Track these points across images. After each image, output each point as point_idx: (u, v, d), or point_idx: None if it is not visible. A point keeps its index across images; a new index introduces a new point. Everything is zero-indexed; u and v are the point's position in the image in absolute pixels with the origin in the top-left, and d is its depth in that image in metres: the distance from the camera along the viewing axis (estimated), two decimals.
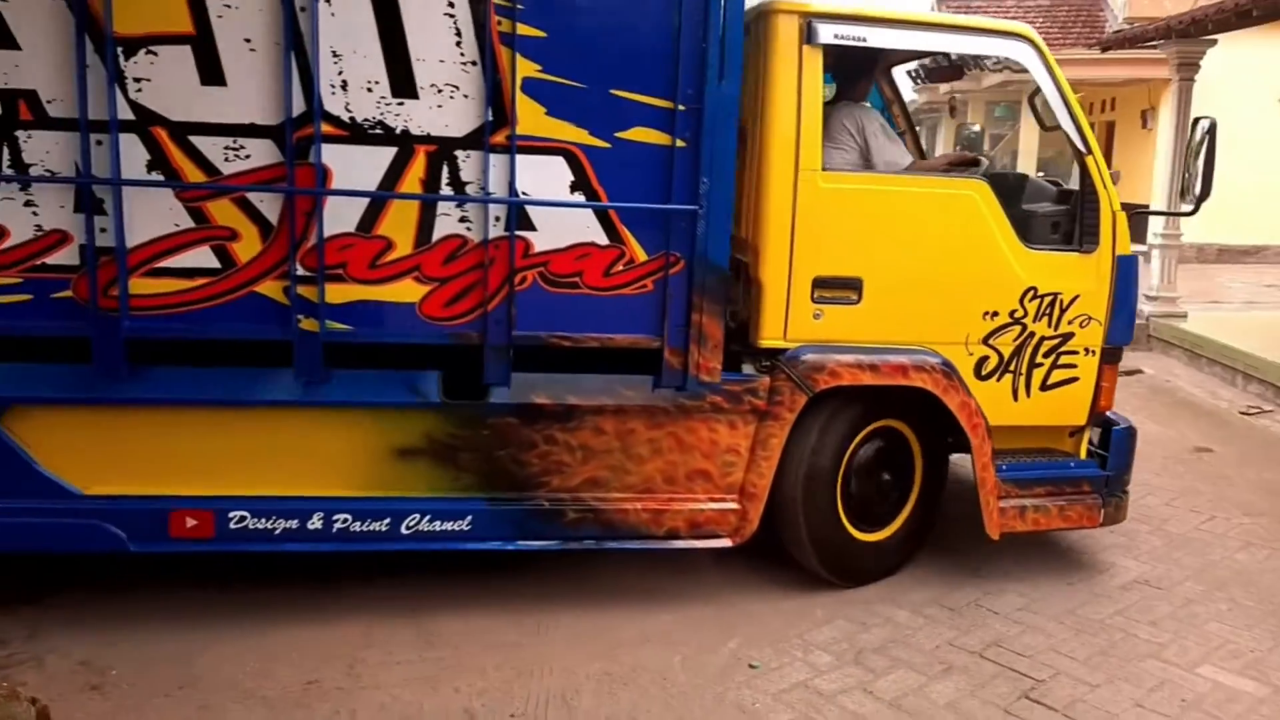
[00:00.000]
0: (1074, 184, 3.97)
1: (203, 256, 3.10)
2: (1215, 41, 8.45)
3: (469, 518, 3.40)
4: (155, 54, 2.96)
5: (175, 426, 3.24)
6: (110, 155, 2.96)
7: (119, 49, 2.93)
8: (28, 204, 2.99)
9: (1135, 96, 16.04)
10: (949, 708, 3.06)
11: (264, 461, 3.29)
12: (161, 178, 3.02)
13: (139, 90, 2.97)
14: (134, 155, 2.99)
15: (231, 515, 3.26)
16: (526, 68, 3.11)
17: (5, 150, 2.94)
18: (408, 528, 3.37)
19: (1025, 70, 3.73)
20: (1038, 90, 3.76)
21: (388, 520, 3.35)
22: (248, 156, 3.05)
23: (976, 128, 7.24)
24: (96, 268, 3.01)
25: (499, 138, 3.14)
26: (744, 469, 3.54)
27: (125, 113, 2.96)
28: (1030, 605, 3.74)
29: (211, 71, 2.99)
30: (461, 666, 3.19)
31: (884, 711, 3.02)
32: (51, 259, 3.03)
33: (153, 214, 3.04)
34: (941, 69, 4.55)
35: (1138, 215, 3.88)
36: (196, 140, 3.02)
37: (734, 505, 3.55)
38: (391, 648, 3.29)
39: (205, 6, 2.95)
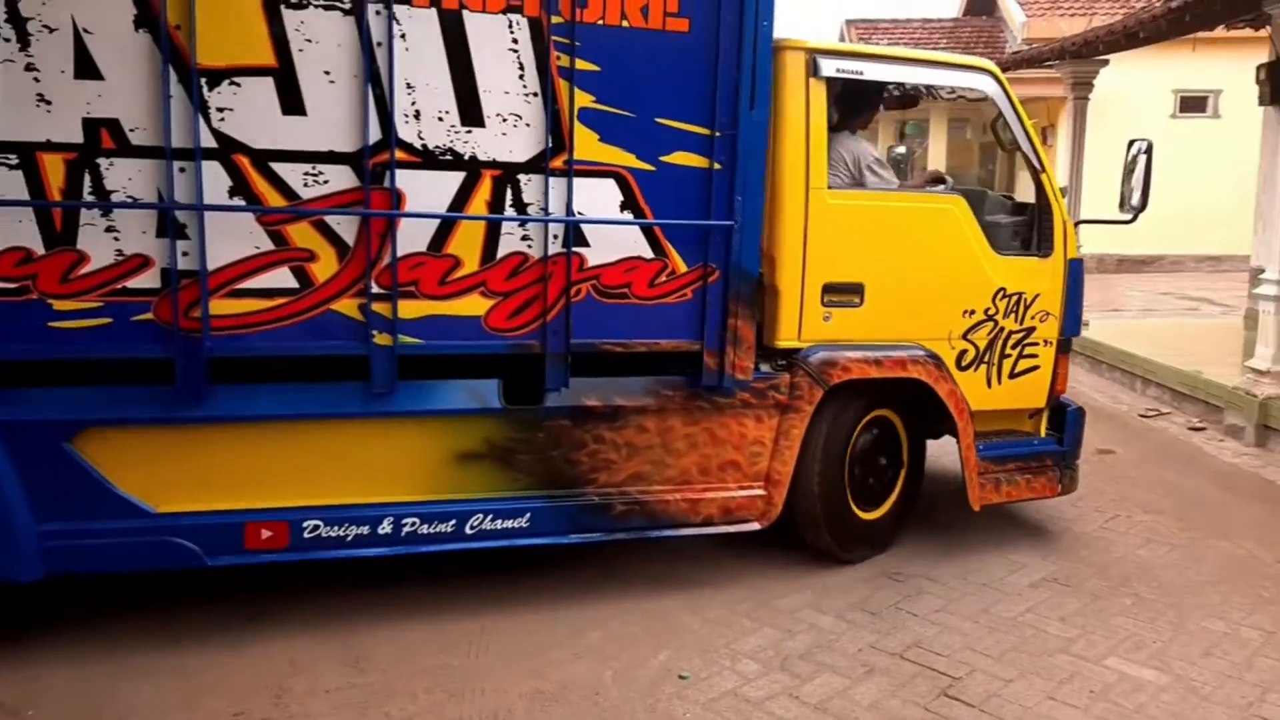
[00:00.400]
0: (1015, 196, 4.56)
1: (282, 277, 3.24)
2: (1107, 62, 9.14)
3: (528, 515, 3.64)
4: (238, 85, 3.10)
5: (247, 442, 3.35)
6: (194, 181, 3.08)
7: (203, 80, 3.06)
8: (109, 229, 3.07)
9: (1035, 114, 17.37)
10: (872, 708, 3.14)
11: (334, 471, 3.44)
12: (243, 203, 3.16)
13: (222, 119, 3.10)
14: (216, 181, 3.12)
15: (305, 525, 3.40)
16: (582, 99, 3.41)
17: (87, 177, 3.02)
18: (472, 528, 3.58)
19: (987, 98, 4.29)
20: (999, 116, 4.33)
21: (453, 521, 3.56)
22: (326, 182, 3.22)
23: (902, 149, 7.86)
24: (179, 290, 3.12)
25: (557, 162, 3.42)
26: (769, 458, 3.93)
27: (208, 141, 3.09)
28: (947, 606, 3.87)
29: (292, 102, 3.15)
30: (391, 691, 3.16)
31: (810, 715, 3.09)
32: (132, 283, 3.11)
33: (234, 237, 3.17)
34: (896, 98, 5.09)
35: (1081, 223, 4.49)
36: (277, 167, 3.17)
37: (761, 491, 3.93)
38: (319, 674, 3.24)
39: (288, 41, 3.11)
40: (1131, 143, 4.29)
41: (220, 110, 3.09)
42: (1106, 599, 3.98)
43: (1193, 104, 17.14)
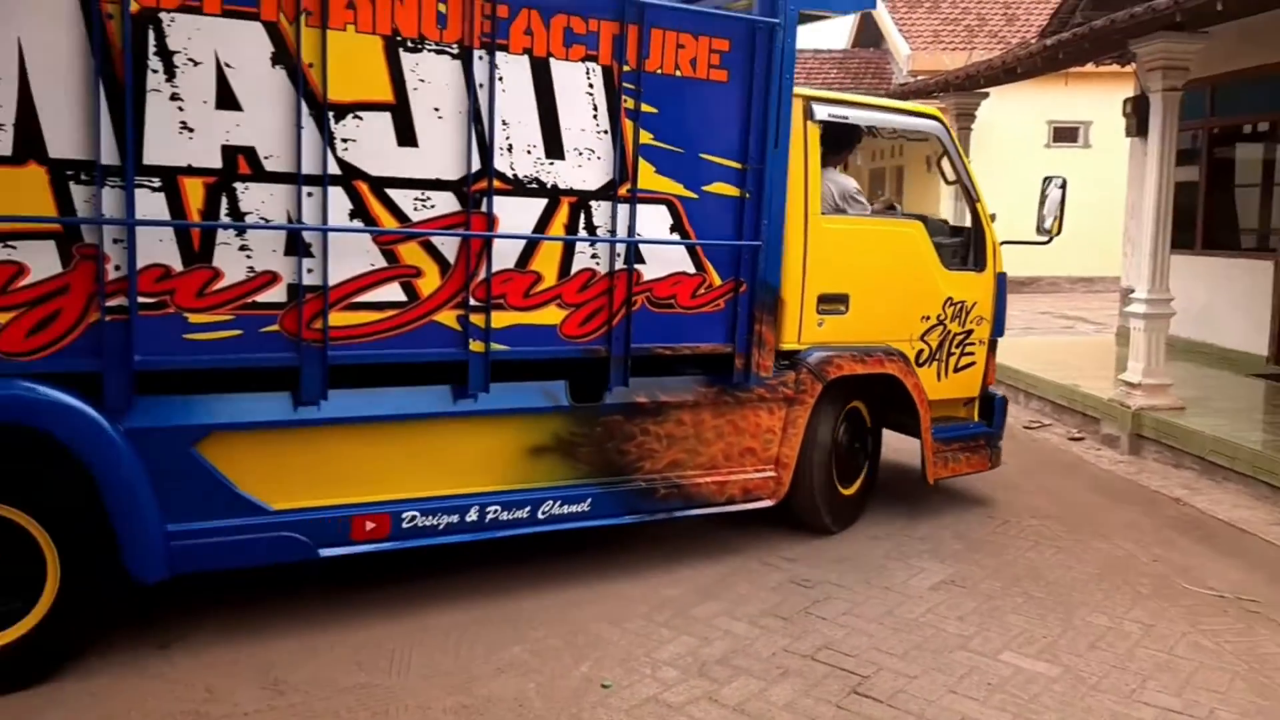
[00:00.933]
0: (946, 219, 5.46)
1: (392, 291, 3.58)
2: (988, 94, 9.56)
3: (589, 500, 4.12)
4: (361, 118, 3.43)
5: (353, 441, 3.65)
6: (321, 205, 3.39)
7: (330, 113, 3.37)
8: (242, 248, 3.33)
9: (921, 143, 18.64)
10: (787, 708, 3.24)
11: (428, 466, 3.80)
12: (361, 224, 3.48)
13: (345, 149, 3.42)
14: (338, 205, 3.43)
15: (404, 515, 3.74)
16: (643, 136, 3.95)
17: (224, 200, 3.27)
18: (544, 513, 4.02)
19: (935, 138, 5.14)
20: (944, 154, 5.19)
21: (528, 508, 3.99)
22: (432, 206, 3.60)
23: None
24: (304, 304, 3.41)
25: (622, 191, 3.93)
26: (779, 444, 4.58)
27: (333, 168, 3.40)
28: (853, 610, 4.02)
29: (406, 134, 3.52)
30: (313, 712, 3.13)
31: (729, 717, 3.19)
32: (261, 297, 3.37)
33: (352, 256, 3.49)
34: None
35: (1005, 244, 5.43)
36: (392, 192, 3.52)
37: (772, 473, 4.58)
38: (237, 699, 3.20)
39: (404, 80, 3.48)
40: (1047, 179, 5.27)
41: (344, 141, 3.42)
42: (1000, 598, 4.19)
43: (1065, 134, 18.58)
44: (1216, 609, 4.16)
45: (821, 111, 4.59)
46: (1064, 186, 5.16)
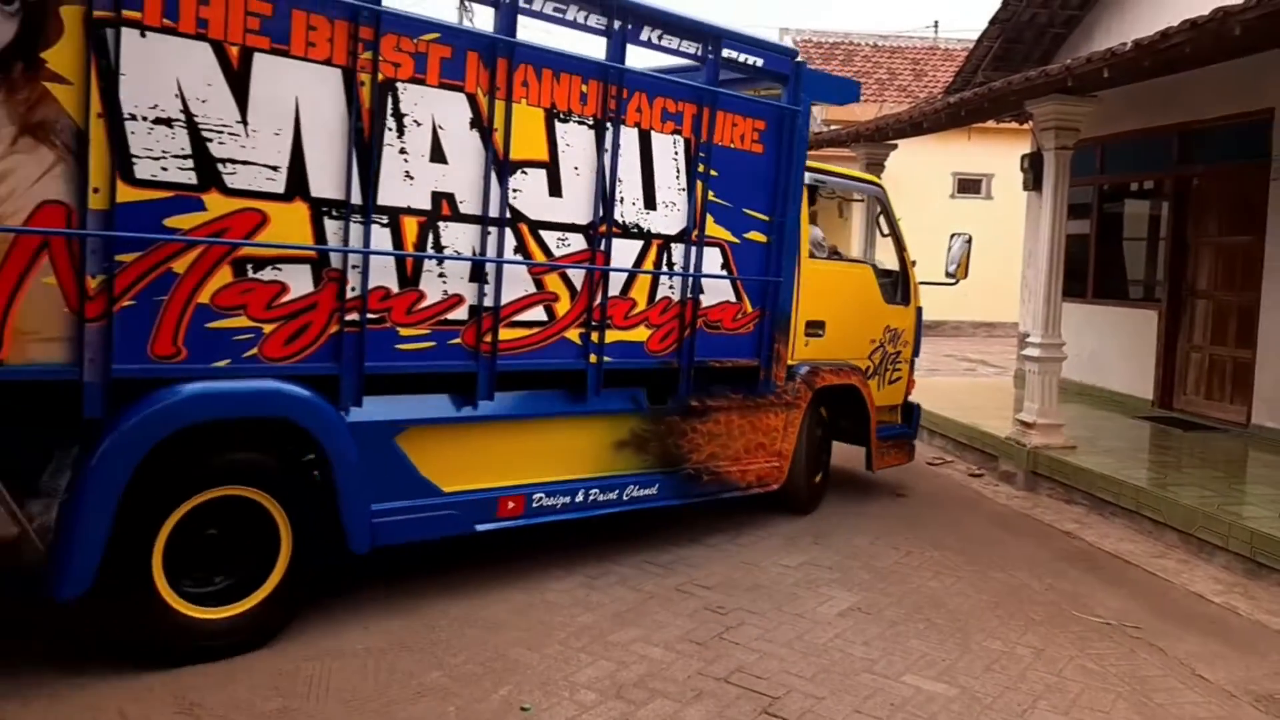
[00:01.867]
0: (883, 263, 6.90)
1: (538, 312, 4.42)
2: (896, 145, 9.86)
3: (656, 485, 5.07)
4: (526, 173, 4.28)
5: (499, 435, 4.43)
6: (497, 242, 4.19)
7: (507, 169, 4.19)
8: (440, 275, 4.07)
9: (829, 198, 19.39)
10: None
11: (550, 456, 4.62)
12: (522, 258, 4.31)
13: (514, 197, 4.25)
14: (507, 242, 4.24)
15: (534, 497, 4.54)
16: (709, 194, 5.01)
17: (430, 235, 4.01)
18: (627, 495, 4.93)
19: (875, 199, 6.57)
20: (881, 211, 6.61)
21: (616, 491, 4.89)
22: (569, 245, 4.48)
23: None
24: (481, 321, 4.19)
25: (692, 236, 4.97)
26: (781, 439, 5.73)
27: (506, 212, 4.21)
28: (765, 635, 4.14)
29: (555, 187, 4.39)
30: None
31: None
32: (450, 315, 4.12)
33: (514, 284, 4.30)
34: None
35: (922, 284, 6.91)
36: (543, 233, 4.37)
37: (777, 464, 5.72)
38: None
39: (557, 144, 4.35)
40: (954, 235, 6.82)
41: (514, 190, 4.24)
42: (903, 624, 4.36)
43: (969, 185, 19.71)
44: (1103, 635, 4.38)
45: (808, 176, 5.85)
46: (969, 241, 6.73)
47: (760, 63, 5.15)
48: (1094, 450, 7.19)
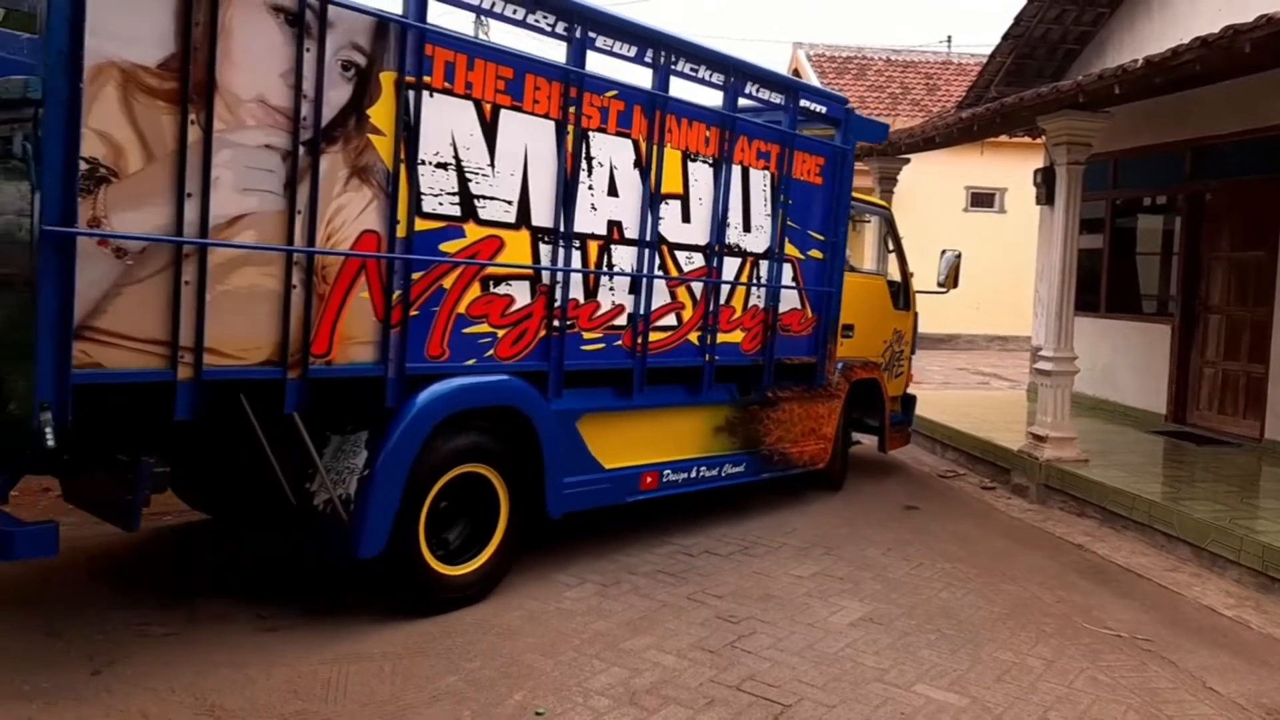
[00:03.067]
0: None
1: (671, 319, 5.32)
2: (909, 160, 9.94)
3: (744, 464, 6.04)
4: (667, 204, 5.17)
5: (641, 421, 5.30)
6: (648, 260, 5.07)
7: (656, 200, 5.08)
8: (610, 289, 4.92)
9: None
10: None
11: (673, 438, 5.53)
12: (663, 274, 5.20)
13: (660, 224, 5.14)
14: (653, 261, 5.13)
15: (664, 473, 5.44)
16: (786, 220, 6.01)
17: (605, 256, 4.86)
18: (724, 473, 5.89)
19: (883, 220, 7.72)
20: (888, 231, 7.78)
21: (717, 469, 5.83)
22: (693, 262, 5.40)
23: None
24: (636, 326, 5.06)
25: (775, 254, 5.96)
26: (827, 425, 6.79)
27: (653, 236, 5.10)
28: (778, 644, 4.16)
29: (686, 215, 5.31)
30: None
31: None
32: (615, 321, 4.97)
33: (657, 295, 5.19)
34: None
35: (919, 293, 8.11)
36: (677, 253, 5.28)
37: (824, 446, 6.77)
38: None
39: (688, 180, 5.27)
40: (944, 251, 8.04)
41: (660, 218, 5.13)
42: (914, 634, 4.37)
43: (982, 199, 19.49)
44: (1113, 647, 4.38)
45: None
46: (959, 256, 7.97)
47: (824, 110, 6.20)
48: (1106, 464, 7.19)
